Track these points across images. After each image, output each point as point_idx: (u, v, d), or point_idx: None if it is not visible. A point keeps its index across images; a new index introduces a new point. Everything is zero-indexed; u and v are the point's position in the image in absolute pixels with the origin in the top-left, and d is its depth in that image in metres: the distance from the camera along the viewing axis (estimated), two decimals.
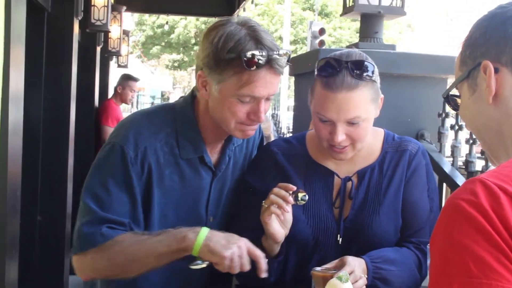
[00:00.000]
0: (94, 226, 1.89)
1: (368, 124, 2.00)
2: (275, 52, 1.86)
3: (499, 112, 1.22)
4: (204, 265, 1.84)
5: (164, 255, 1.86)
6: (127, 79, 7.42)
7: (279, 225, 1.90)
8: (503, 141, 1.23)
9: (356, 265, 1.87)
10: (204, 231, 1.84)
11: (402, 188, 2.07)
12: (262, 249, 1.93)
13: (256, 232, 1.96)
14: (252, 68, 1.83)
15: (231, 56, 1.84)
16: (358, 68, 1.92)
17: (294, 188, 1.88)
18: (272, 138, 3.83)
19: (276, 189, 1.89)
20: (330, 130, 1.96)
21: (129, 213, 1.93)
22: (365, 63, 1.94)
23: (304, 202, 1.89)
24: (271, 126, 3.18)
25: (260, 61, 1.83)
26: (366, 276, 1.89)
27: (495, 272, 0.96)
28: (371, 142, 2.12)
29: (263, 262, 1.84)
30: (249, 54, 1.82)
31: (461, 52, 1.31)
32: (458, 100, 1.35)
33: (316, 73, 1.99)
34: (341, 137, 1.95)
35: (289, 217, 1.91)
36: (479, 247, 0.97)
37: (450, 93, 1.37)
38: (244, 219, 2.09)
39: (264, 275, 1.84)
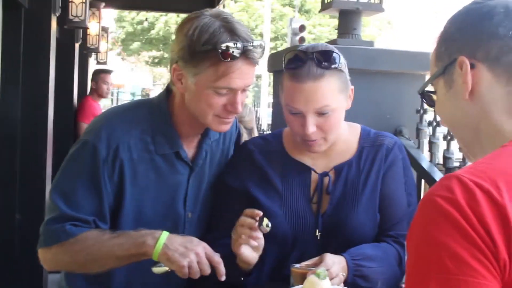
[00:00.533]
0: (58, 222, 1.91)
1: (339, 115, 2.01)
2: (250, 43, 1.86)
3: (475, 108, 1.22)
4: (167, 269, 1.84)
5: (123, 258, 1.88)
6: (99, 73, 7.41)
7: (251, 250, 1.89)
8: (478, 137, 1.23)
9: (335, 262, 1.88)
10: (163, 238, 1.83)
11: (379, 184, 2.08)
12: (237, 267, 1.93)
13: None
14: (228, 60, 1.83)
15: (206, 48, 1.84)
16: (323, 58, 1.94)
17: (261, 213, 1.87)
18: (255, 131, 3.82)
19: (242, 219, 1.88)
20: (301, 123, 1.97)
21: (95, 211, 1.93)
22: (330, 52, 1.96)
23: (268, 229, 1.87)
24: (254, 119, 3.17)
25: (235, 53, 1.83)
26: (346, 273, 1.89)
27: (472, 269, 0.96)
28: (347, 137, 2.13)
29: (221, 268, 1.84)
30: (224, 45, 1.82)
31: (436, 47, 1.31)
32: (434, 96, 1.35)
33: (283, 66, 2.00)
34: (311, 128, 1.95)
35: (260, 241, 1.90)
36: (455, 244, 0.98)
37: (426, 89, 1.37)
38: (221, 222, 2.09)
39: (223, 278, 1.84)
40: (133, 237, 1.86)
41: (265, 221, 1.87)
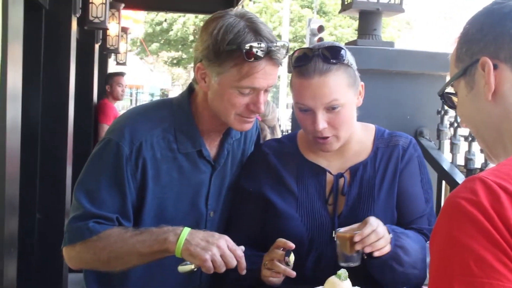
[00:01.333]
0: (82, 220, 1.92)
1: (349, 111, 2.00)
2: (274, 44, 1.88)
3: (498, 109, 1.21)
4: (192, 267, 1.84)
5: (147, 255, 1.88)
6: (112, 76, 7.47)
7: (278, 280, 1.92)
8: (502, 139, 1.22)
9: (379, 223, 1.87)
10: (185, 233, 1.84)
11: (396, 183, 2.07)
12: (259, 281, 1.95)
13: (252, 241, 2.00)
14: (252, 60, 1.85)
15: (231, 47, 1.85)
16: (329, 53, 1.95)
17: (293, 246, 1.89)
18: (278, 129, 3.79)
19: (273, 252, 1.91)
20: (312, 120, 1.97)
21: (118, 209, 1.94)
22: (336, 48, 1.97)
23: (291, 265, 1.89)
24: (276, 117, 3.16)
25: (259, 53, 1.85)
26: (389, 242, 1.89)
27: (496, 271, 0.95)
28: (362, 138, 2.13)
29: (242, 262, 1.84)
30: (248, 45, 1.84)
31: (457, 48, 1.29)
32: (454, 98, 1.34)
33: (292, 65, 2.01)
34: (322, 124, 1.95)
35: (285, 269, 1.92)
36: (479, 246, 0.97)
37: (446, 90, 1.36)
38: (237, 225, 2.10)
39: (243, 272, 1.85)
40: (155, 234, 1.87)
41: (291, 256, 1.89)
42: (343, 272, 1.75)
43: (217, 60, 1.89)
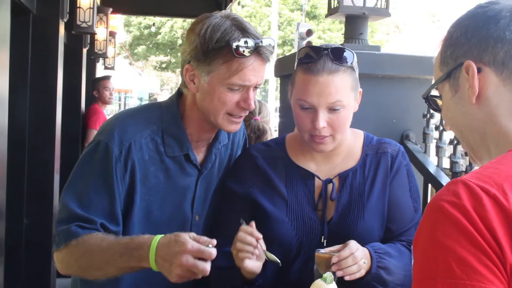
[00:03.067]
0: (67, 223, 1.90)
1: (348, 114, 2.01)
2: (260, 41, 1.91)
3: (482, 112, 1.21)
4: (279, 261, 1.86)
5: (126, 268, 1.86)
6: (98, 80, 7.46)
7: (254, 261, 1.87)
8: (485, 142, 1.23)
9: (359, 248, 1.87)
10: (152, 253, 1.77)
11: (387, 191, 2.08)
12: (241, 276, 1.92)
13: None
14: (240, 56, 1.87)
15: (219, 45, 1.88)
16: (338, 54, 1.96)
17: (260, 236, 1.86)
18: (273, 124, 3.76)
19: (242, 236, 1.86)
20: (312, 118, 1.97)
21: (106, 211, 1.92)
22: (345, 49, 1.99)
23: (275, 263, 1.87)
24: (269, 113, 3.16)
25: (248, 49, 1.88)
26: (369, 264, 1.88)
27: (478, 273, 0.96)
28: (351, 143, 2.13)
29: (213, 253, 1.75)
30: (236, 42, 1.87)
31: (441, 52, 1.30)
32: (439, 101, 1.35)
33: (296, 62, 2.02)
34: (322, 123, 1.95)
35: (260, 248, 1.88)
36: (462, 249, 0.98)
37: (431, 93, 1.37)
38: (224, 228, 2.07)
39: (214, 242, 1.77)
40: (129, 248, 1.82)
41: (271, 255, 1.87)
42: (329, 275, 1.76)
43: (206, 59, 1.91)
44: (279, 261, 1.87)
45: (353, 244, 1.87)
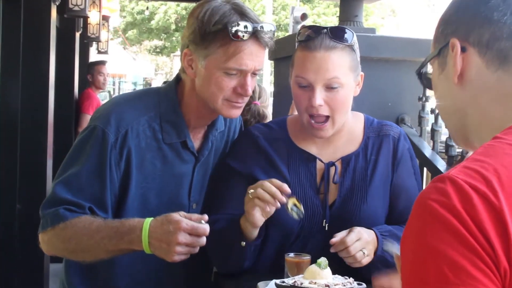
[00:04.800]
0: (53, 206, 1.90)
1: (347, 94, 1.99)
2: (259, 25, 1.89)
3: (464, 93, 1.18)
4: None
5: (115, 251, 1.86)
6: (93, 65, 7.43)
7: (260, 214, 1.87)
8: (465, 123, 1.20)
9: (363, 232, 1.89)
10: (145, 235, 1.78)
11: (390, 174, 2.07)
12: (240, 231, 1.93)
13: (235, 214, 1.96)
14: (238, 39, 1.86)
15: (217, 28, 1.87)
16: (336, 32, 1.98)
17: (289, 191, 1.85)
18: (270, 109, 3.74)
19: (267, 184, 1.85)
20: (309, 96, 1.96)
21: (96, 198, 1.91)
22: (344, 29, 2.00)
23: (296, 217, 1.86)
24: (268, 98, 3.13)
25: (245, 33, 1.86)
26: (376, 247, 1.91)
27: (472, 278, 0.92)
28: (352, 126, 2.11)
29: (207, 228, 1.77)
30: (234, 25, 1.85)
31: (436, 29, 1.29)
32: (430, 77, 1.33)
33: (297, 42, 2.02)
34: (319, 100, 1.94)
35: (273, 209, 1.87)
36: (454, 252, 0.93)
37: (423, 70, 1.35)
38: (223, 204, 2.06)
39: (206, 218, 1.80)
40: (120, 232, 1.82)
41: (296, 206, 1.86)
42: (323, 260, 1.75)
43: (203, 43, 1.90)
44: (302, 213, 1.87)
45: (359, 229, 1.90)
